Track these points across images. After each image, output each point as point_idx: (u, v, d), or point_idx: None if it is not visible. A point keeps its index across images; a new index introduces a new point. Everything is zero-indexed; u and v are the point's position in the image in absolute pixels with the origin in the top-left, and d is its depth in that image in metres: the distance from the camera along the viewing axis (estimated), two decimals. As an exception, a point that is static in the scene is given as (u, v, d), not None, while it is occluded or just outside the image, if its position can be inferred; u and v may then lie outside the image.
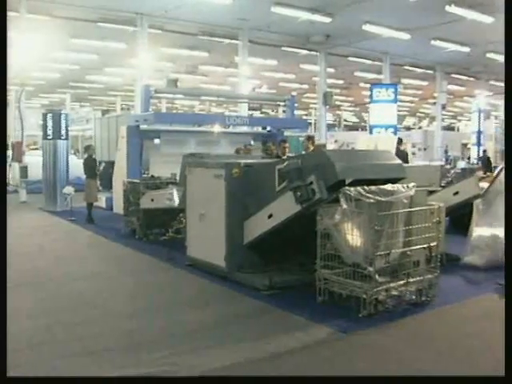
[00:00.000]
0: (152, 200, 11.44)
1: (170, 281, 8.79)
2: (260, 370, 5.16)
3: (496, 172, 9.72)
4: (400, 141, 16.87)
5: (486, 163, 22.25)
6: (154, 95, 15.93)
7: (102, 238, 12.50)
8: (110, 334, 6.22)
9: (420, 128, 51.94)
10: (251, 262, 8.30)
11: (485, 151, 25.55)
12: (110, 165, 17.20)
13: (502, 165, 10.01)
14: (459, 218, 11.58)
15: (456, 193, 9.78)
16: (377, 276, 6.61)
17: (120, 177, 14.54)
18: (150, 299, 7.71)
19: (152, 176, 13.26)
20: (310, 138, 13.97)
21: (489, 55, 29.19)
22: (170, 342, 5.94)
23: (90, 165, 15.04)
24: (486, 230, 9.38)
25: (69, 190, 15.44)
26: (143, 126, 15.22)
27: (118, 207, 14.20)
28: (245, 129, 18.34)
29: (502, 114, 12.95)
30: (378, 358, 5.56)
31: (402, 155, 15.67)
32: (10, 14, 13.90)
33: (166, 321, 6.67)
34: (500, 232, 8.93)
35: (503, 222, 8.87)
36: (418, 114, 62.26)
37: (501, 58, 28.33)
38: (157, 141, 15.78)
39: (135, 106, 24.04)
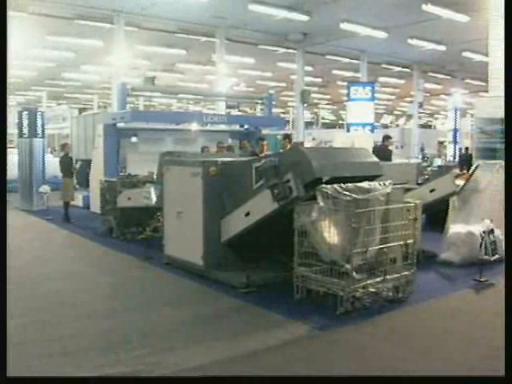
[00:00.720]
0: (129, 199, 11.38)
1: (148, 280, 8.74)
2: (238, 369, 5.16)
3: (471, 170, 9.80)
4: (388, 138, 16.84)
5: (469, 161, 22.34)
6: (131, 93, 15.86)
7: (78, 237, 12.42)
8: (87, 333, 6.18)
9: (397, 126, 52.21)
10: (229, 260, 8.30)
11: (467, 149, 25.66)
12: (87, 163, 17.04)
13: (477, 163, 10.11)
14: (435, 216, 11.67)
15: (432, 190, 9.85)
16: (354, 273, 6.63)
17: (97, 175, 14.43)
18: (127, 298, 7.67)
19: (129, 174, 13.17)
20: (287, 137, 14.02)
21: (464, 54, 29.42)
22: (147, 341, 5.91)
23: (66, 163, 14.96)
24: (462, 227, 9.47)
25: (45, 188, 15.32)
26: (120, 124, 15.12)
27: (95, 206, 14.11)
28: (222, 127, 18.32)
29: (477, 111, 13.09)
30: (356, 355, 5.58)
31: (387, 153, 15.72)
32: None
33: (144, 320, 6.64)
34: (475, 229, 9.04)
35: (479, 218, 9.05)
36: (395, 112, 62.59)
37: (476, 57, 28.63)
38: (134, 139, 15.69)
39: (112, 104, 23.90)
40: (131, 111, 16.60)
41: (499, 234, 9.35)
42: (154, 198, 10.32)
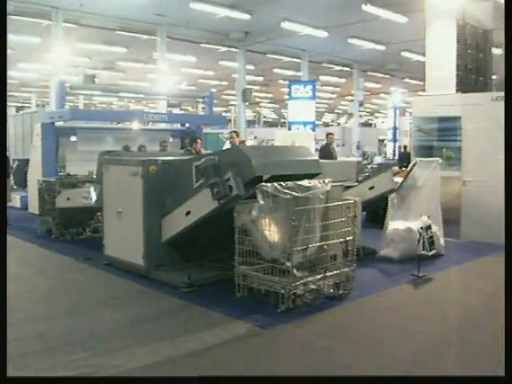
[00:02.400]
0: (68, 199, 11.18)
1: (88, 281, 8.60)
2: (180, 368, 5.13)
3: (409, 167, 9.99)
4: (329, 134, 17.10)
5: (407, 159, 22.78)
6: (70, 91, 15.62)
7: (16, 239, 12.09)
8: (25, 337, 6.01)
9: (338, 124, 52.87)
10: (170, 260, 8.24)
11: (405, 147, 26.19)
12: (25, 163, 16.72)
13: (415, 160, 10.30)
14: (375, 213, 11.88)
15: (371, 187, 10.00)
16: (295, 271, 6.67)
17: (35, 175, 14.13)
18: (66, 300, 7.52)
19: (68, 174, 12.94)
20: (235, 132, 14.39)
21: (403, 54, 30.02)
22: (88, 343, 5.80)
23: (2, 163, 14.59)
24: (401, 223, 9.64)
25: (-19, 189, 14.91)
26: (59, 123, 14.86)
27: (34, 207, 13.82)
28: (163, 126, 18.22)
29: (414, 110, 13.41)
30: (297, 351, 5.60)
31: (329, 151, 16.02)
32: None
33: (84, 322, 6.53)
34: (414, 225, 9.23)
35: (417, 215, 9.25)
36: (337, 111, 63.34)
37: (414, 57, 29.25)
38: (73, 138, 15.45)
39: (51, 102, 23.44)
40: (70, 110, 16.35)
41: (436, 229, 9.60)
42: (93, 198, 10.16)
